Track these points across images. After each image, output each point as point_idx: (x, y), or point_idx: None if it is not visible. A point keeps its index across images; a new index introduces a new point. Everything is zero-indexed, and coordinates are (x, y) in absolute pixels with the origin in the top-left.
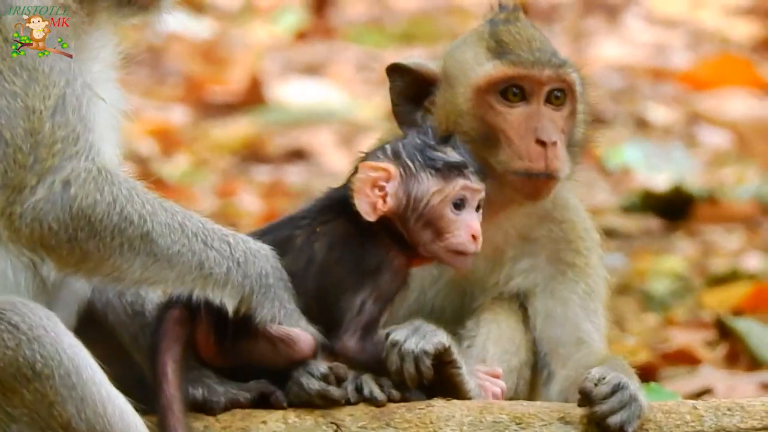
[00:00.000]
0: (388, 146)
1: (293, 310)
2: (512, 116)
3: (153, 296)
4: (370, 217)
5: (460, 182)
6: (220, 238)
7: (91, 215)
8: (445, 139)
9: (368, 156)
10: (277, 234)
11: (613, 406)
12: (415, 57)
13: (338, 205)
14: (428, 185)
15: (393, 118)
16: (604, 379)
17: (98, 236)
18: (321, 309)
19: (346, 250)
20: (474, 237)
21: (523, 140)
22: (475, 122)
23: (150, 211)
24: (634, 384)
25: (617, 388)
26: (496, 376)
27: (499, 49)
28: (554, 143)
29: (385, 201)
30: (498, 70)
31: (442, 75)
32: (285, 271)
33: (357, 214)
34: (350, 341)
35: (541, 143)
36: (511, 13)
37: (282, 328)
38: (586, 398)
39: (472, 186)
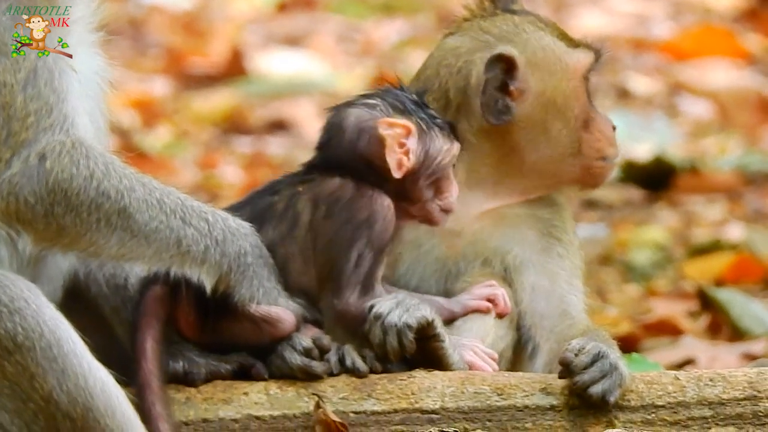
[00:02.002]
0: (380, 101)
1: (272, 288)
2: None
3: (135, 270)
4: (397, 174)
5: (456, 144)
6: (199, 215)
7: (67, 189)
8: (423, 94)
9: (362, 110)
10: (256, 204)
11: (594, 375)
12: (503, 47)
13: (323, 161)
14: (440, 143)
15: (485, 109)
16: (584, 349)
17: (75, 211)
18: (311, 271)
19: (335, 205)
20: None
21: (608, 127)
22: (578, 109)
23: (127, 186)
24: (614, 353)
25: (597, 358)
26: (493, 359)
27: (567, 38)
28: None
29: (408, 158)
30: (589, 58)
31: (523, 61)
32: (267, 240)
33: (350, 168)
34: (351, 298)
35: (614, 129)
36: (522, 6)
37: (263, 308)
38: (566, 369)
39: (459, 149)
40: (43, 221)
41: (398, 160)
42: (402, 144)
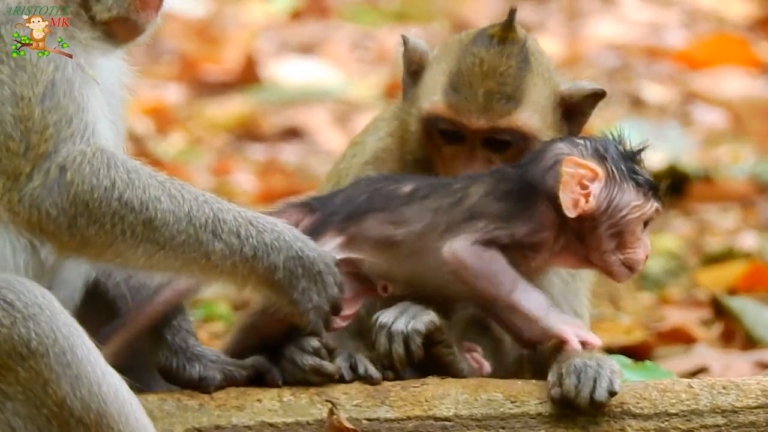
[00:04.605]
0: (588, 143)
1: (303, 301)
2: (445, 152)
3: None
4: (571, 213)
5: (656, 204)
6: (231, 230)
7: (89, 201)
8: (639, 152)
9: (567, 145)
10: (436, 179)
11: (588, 386)
12: (420, 39)
13: (515, 179)
14: (630, 197)
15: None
16: (562, 375)
17: (98, 222)
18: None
19: (506, 196)
20: (646, 257)
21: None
22: (416, 145)
23: (152, 196)
24: (587, 353)
25: (579, 370)
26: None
27: (452, 80)
28: None
29: (587, 200)
30: (437, 108)
31: (425, 65)
32: (421, 208)
33: (534, 192)
34: (463, 242)
35: None
36: (501, 31)
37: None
38: (562, 404)
39: (660, 210)
40: (68, 233)
41: (574, 200)
42: (584, 186)
